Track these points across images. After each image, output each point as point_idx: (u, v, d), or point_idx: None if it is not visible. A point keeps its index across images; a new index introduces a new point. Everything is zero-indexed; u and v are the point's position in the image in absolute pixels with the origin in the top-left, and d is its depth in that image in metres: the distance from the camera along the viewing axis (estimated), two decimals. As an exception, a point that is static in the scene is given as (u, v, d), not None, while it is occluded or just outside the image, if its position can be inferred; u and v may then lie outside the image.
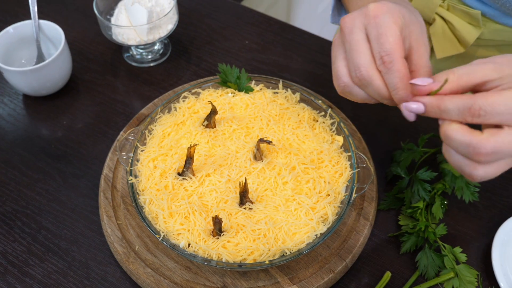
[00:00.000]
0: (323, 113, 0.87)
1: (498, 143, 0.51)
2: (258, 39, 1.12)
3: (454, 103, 0.52)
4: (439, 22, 0.91)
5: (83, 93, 1.03)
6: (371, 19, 0.59)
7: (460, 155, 0.54)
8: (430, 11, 0.91)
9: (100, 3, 1.03)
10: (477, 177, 0.54)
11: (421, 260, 0.79)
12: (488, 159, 0.52)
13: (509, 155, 0.52)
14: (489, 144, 0.51)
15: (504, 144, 0.51)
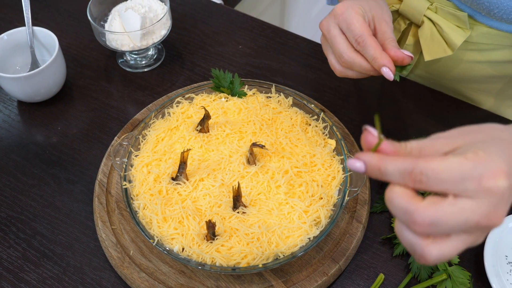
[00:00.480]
0: (316, 117, 0.88)
1: (437, 213, 0.44)
2: (251, 44, 1.13)
3: (395, 165, 0.46)
4: (427, 24, 0.92)
5: (77, 99, 1.03)
6: (339, 17, 0.73)
7: (410, 233, 0.47)
8: (419, 14, 0.92)
9: (93, 9, 1.03)
10: (430, 257, 0.46)
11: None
12: (426, 230, 0.45)
13: (455, 229, 0.45)
14: (427, 213, 0.44)
15: (445, 215, 0.44)
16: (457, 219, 0.44)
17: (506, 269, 0.78)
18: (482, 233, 0.47)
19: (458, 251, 0.47)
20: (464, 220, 0.44)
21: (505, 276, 0.77)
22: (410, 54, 0.71)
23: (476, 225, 0.45)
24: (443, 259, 0.47)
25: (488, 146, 0.46)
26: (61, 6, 1.21)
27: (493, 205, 0.44)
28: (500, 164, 0.44)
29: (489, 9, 0.79)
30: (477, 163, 0.44)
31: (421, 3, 0.91)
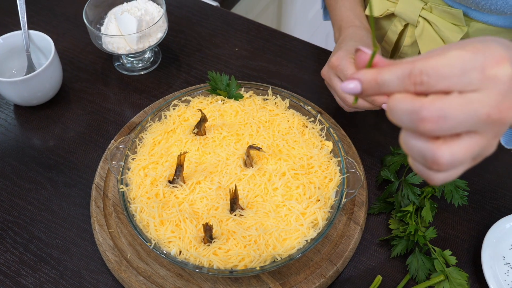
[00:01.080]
0: (313, 119, 0.88)
1: (445, 105, 0.41)
2: (248, 46, 1.13)
3: (392, 72, 0.43)
4: (423, 24, 0.93)
5: (74, 102, 1.03)
6: (336, 68, 0.81)
7: (419, 140, 0.44)
8: (414, 14, 0.93)
9: (89, 13, 1.03)
10: (442, 159, 0.43)
11: (411, 263, 0.79)
12: (436, 127, 0.41)
13: (466, 123, 0.42)
14: (434, 107, 0.41)
15: (453, 107, 0.41)
16: (466, 111, 0.41)
17: (503, 270, 0.78)
18: (494, 134, 0.43)
19: (471, 154, 0.43)
20: (474, 112, 0.41)
21: (503, 277, 0.77)
22: None
23: (487, 119, 0.41)
24: (456, 162, 0.43)
25: (486, 40, 0.44)
26: (57, 9, 1.21)
27: (502, 95, 0.41)
28: (502, 51, 0.42)
29: (476, 3, 0.79)
30: (477, 52, 0.42)
31: (416, 3, 0.92)
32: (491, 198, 0.88)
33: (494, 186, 0.89)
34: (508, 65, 0.42)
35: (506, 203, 0.87)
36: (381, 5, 0.98)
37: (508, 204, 0.87)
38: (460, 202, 0.83)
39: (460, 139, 0.43)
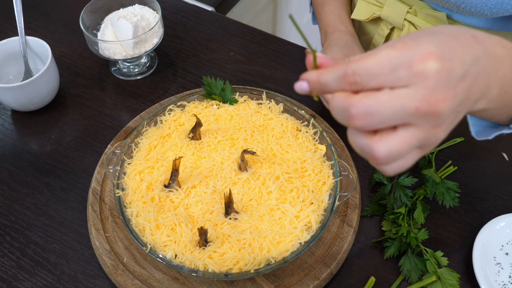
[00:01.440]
0: (306, 123, 0.89)
1: (372, 102, 0.44)
2: (243, 51, 1.14)
3: (331, 73, 0.47)
4: (408, 27, 0.95)
5: (71, 107, 1.04)
6: None
7: (359, 136, 0.47)
8: (400, 18, 0.95)
9: (86, 19, 1.04)
10: (378, 154, 0.45)
11: (404, 264, 0.81)
12: (363, 123, 0.44)
13: (394, 118, 0.44)
14: (361, 104, 0.44)
15: (380, 103, 0.43)
16: (393, 106, 0.44)
17: (494, 270, 0.79)
18: (431, 125, 0.45)
19: (408, 146, 0.46)
20: (401, 106, 0.44)
21: (494, 277, 0.78)
22: None
23: (416, 112, 0.44)
24: (393, 155, 0.45)
25: (420, 36, 0.46)
26: (54, 15, 1.22)
27: (430, 88, 0.43)
28: (430, 47, 0.44)
29: (457, 5, 0.81)
30: (405, 50, 0.44)
31: (401, 7, 0.94)
32: (482, 199, 0.89)
33: (484, 188, 0.90)
34: (434, 60, 0.43)
35: (497, 204, 0.88)
36: (368, 9, 1.00)
37: (499, 205, 0.88)
38: (452, 203, 0.84)
39: (396, 132, 0.45)
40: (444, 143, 0.94)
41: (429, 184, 0.86)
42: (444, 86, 0.44)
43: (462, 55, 0.46)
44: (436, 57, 0.44)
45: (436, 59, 0.44)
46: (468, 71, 0.46)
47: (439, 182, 0.85)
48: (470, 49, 0.48)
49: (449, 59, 0.45)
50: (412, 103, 0.44)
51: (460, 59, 0.46)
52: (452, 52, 0.45)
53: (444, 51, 0.44)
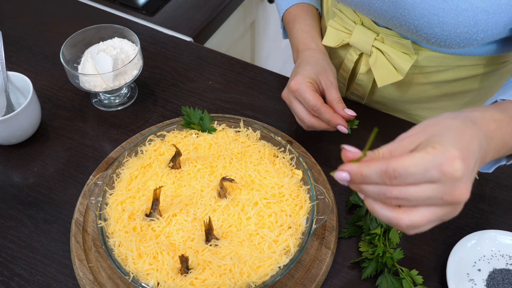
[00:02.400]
0: (283, 149, 0.92)
1: (407, 190, 0.56)
2: (221, 79, 1.17)
3: (372, 168, 0.56)
4: (376, 53, 0.99)
5: (53, 139, 1.06)
6: (295, 92, 0.90)
7: (386, 209, 0.58)
8: (368, 45, 0.99)
9: (66, 53, 1.07)
10: (402, 223, 0.57)
11: (381, 284, 0.83)
12: (397, 202, 0.57)
13: (421, 202, 0.56)
14: (394, 191, 0.56)
15: (413, 192, 0.56)
16: (422, 195, 0.55)
17: (468, 286, 0.82)
18: (452, 207, 0.58)
19: (428, 219, 0.57)
20: (428, 196, 0.55)
21: (467, 293, 0.81)
22: (353, 113, 0.88)
23: (441, 199, 0.56)
24: (415, 225, 0.57)
25: (442, 138, 0.57)
26: (36, 49, 1.24)
27: (454, 184, 0.55)
28: (454, 152, 0.55)
29: (427, 39, 0.85)
30: (436, 155, 0.55)
31: (368, 34, 0.98)
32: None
33: (457, 207, 0.94)
34: (459, 162, 0.55)
35: (469, 222, 0.92)
36: (337, 36, 1.04)
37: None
38: (426, 223, 0.87)
39: (417, 208, 0.57)
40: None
41: (403, 204, 0.89)
42: (466, 180, 0.56)
43: (473, 149, 0.59)
44: (459, 160, 0.55)
45: (460, 161, 0.55)
46: (477, 159, 0.59)
47: (412, 203, 0.88)
48: (476, 139, 0.60)
49: (467, 157, 0.56)
50: (438, 194, 0.56)
51: (472, 153, 0.58)
52: (467, 151, 0.57)
53: (463, 153, 0.56)
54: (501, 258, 0.85)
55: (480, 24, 0.80)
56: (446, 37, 0.83)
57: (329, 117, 0.88)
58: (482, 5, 0.78)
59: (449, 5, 0.79)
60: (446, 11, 0.80)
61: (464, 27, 0.80)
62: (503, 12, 0.78)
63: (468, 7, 0.78)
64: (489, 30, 0.81)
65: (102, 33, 1.12)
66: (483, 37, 0.82)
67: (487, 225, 0.91)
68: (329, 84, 0.91)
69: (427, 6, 0.81)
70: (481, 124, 0.64)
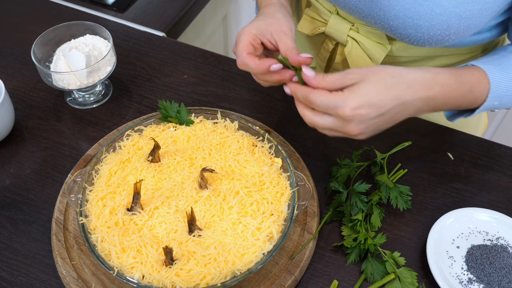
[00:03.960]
0: (261, 138, 0.92)
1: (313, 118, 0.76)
2: (196, 73, 1.17)
3: (299, 91, 0.77)
4: (351, 43, 1.00)
5: (28, 139, 1.05)
6: (237, 40, 0.87)
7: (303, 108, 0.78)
8: (343, 34, 1.00)
9: (37, 51, 1.05)
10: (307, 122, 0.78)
11: (366, 268, 0.84)
12: None
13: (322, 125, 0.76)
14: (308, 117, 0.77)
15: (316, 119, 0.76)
16: (322, 121, 0.76)
17: (447, 263, 0.84)
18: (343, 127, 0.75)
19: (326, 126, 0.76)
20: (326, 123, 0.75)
21: (447, 269, 0.83)
22: (309, 56, 0.81)
23: (335, 128, 0.76)
24: (316, 125, 0.77)
25: (361, 87, 0.73)
26: (5, 49, 1.22)
27: (344, 123, 0.74)
28: (352, 102, 0.72)
29: (401, 38, 0.88)
30: (339, 99, 0.73)
31: (344, 24, 0.99)
32: (432, 198, 0.94)
33: (433, 187, 0.96)
34: (350, 111, 0.72)
35: (446, 201, 0.94)
36: (312, 24, 1.05)
37: (448, 201, 0.94)
38: (405, 206, 0.89)
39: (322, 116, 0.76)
40: (394, 148, 0.99)
41: (383, 189, 0.90)
42: (356, 123, 0.74)
43: (384, 105, 0.74)
44: (351, 109, 0.72)
45: (351, 110, 0.72)
46: (391, 113, 0.75)
47: (392, 187, 0.90)
48: (395, 100, 0.74)
49: (367, 109, 0.73)
50: (333, 125, 0.76)
51: (379, 109, 0.74)
52: (372, 105, 0.73)
53: (364, 105, 0.73)
54: (478, 235, 0.87)
55: (452, 27, 0.82)
56: (420, 38, 0.85)
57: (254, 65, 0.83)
58: (456, 10, 0.80)
59: (424, 9, 0.81)
60: (420, 15, 0.82)
61: (437, 30, 0.83)
62: (475, 17, 0.81)
63: (442, 11, 0.80)
64: (461, 33, 0.84)
65: (73, 31, 1.11)
66: (454, 38, 0.85)
67: (463, 203, 0.94)
68: (282, 34, 0.86)
69: (402, 9, 0.83)
70: (421, 87, 0.76)
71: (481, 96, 0.81)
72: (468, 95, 0.80)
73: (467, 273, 0.82)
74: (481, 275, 0.82)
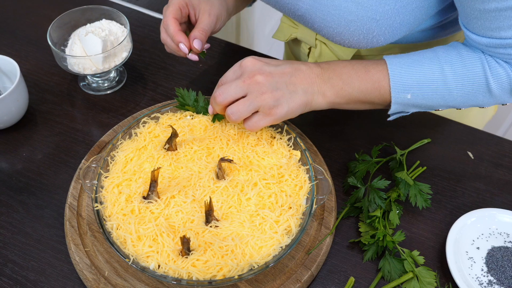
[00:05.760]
0: (280, 130, 0.91)
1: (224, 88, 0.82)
2: (211, 62, 1.15)
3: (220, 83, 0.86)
4: (320, 46, 1.05)
5: (41, 124, 1.03)
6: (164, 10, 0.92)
7: None
8: (312, 38, 1.05)
9: (53, 35, 1.04)
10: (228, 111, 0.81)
11: (384, 266, 0.83)
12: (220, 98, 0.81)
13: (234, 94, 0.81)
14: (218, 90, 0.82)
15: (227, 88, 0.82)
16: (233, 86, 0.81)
17: (467, 264, 0.82)
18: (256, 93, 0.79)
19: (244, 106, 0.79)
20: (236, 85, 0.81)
21: (467, 271, 0.81)
22: (199, 46, 0.91)
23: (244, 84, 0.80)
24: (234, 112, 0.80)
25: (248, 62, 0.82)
26: (19, 33, 1.20)
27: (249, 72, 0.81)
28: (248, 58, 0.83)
29: (336, 42, 0.88)
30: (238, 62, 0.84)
31: (310, 30, 1.02)
32: (451, 197, 0.93)
33: (453, 186, 0.94)
34: (249, 58, 0.83)
35: (465, 201, 0.92)
36: (286, 31, 1.10)
37: (467, 201, 0.92)
38: (424, 205, 0.87)
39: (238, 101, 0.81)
40: (412, 144, 0.97)
41: (401, 186, 0.89)
42: (257, 71, 0.80)
43: (275, 61, 0.84)
44: (250, 58, 0.83)
45: (250, 58, 0.82)
46: (283, 71, 0.81)
47: (412, 185, 0.88)
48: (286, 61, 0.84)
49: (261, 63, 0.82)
50: (241, 81, 0.80)
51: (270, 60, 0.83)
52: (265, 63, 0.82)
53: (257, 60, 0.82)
54: (499, 236, 0.86)
55: (373, 30, 0.82)
56: (349, 44, 0.86)
57: (173, 32, 0.90)
58: (367, 14, 0.80)
59: (337, 18, 0.82)
60: (337, 23, 0.83)
61: (359, 35, 0.83)
62: (392, 17, 0.80)
63: (354, 18, 0.81)
64: (387, 34, 0.83)
65: (89, 15, 1.09)
66: (384, 39, 0.84)
67: (483, 204, 0.92)
68: (206, 15, 0.92)
69: (321, 21, 0.84)
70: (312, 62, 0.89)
71: (382, 81, 0.82)
72: (364, 74, 0.83)
73: (487, 275, 0.81)
74: (502, 277, 0.80)
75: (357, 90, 0.83)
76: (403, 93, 0.82)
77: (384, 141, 0.99)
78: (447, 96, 0.83)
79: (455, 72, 0.81)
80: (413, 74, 0.81)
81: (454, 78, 0.81)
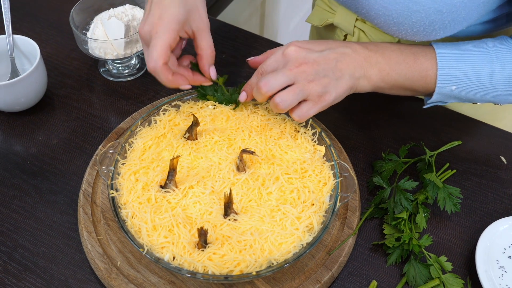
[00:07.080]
0: (304, 124, 0.87)
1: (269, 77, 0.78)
2: (235, 53, 1.12)
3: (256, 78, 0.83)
4: (359, 34, 0.99)
5: (58, 108, 1.01)
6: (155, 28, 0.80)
7: None
8: (350, 25, 0.99)
9: (76, 18, 1.01)
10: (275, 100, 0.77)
11: (408, 271, 0.79)
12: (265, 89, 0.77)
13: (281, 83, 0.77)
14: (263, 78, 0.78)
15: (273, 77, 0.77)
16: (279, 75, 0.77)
17: (498, 273, 0.78)
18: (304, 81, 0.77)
19: (293, 94, 0.76)
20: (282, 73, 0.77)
21: (498, 280, 0.77)
22: (214, 75, 0.89)
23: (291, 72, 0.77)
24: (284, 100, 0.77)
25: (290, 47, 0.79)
26: (40, 15, 1.18)
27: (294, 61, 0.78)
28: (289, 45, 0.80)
29: (391, 34, 0.84)
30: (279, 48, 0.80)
31: (350, 15, 0.97)
32: (482, 202, 0.88)
33: (484, 191, 0.90)
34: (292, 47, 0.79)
35: (497, 207, 0.88)
36: (322, 15, 1.04)
37: (498, 208, 0.87)
38: (453, 209, 0.83)
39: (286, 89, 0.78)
40: (442, 146, 0.93)
41: (429, 188, 0.84)
42: (303, 59, 0.77)
43: (318, 43, 0.81)
44: (292, 46, 0.79)
45: (293, 46, 0.79)
46: (327, 57, 0.78)
47: (441, 188, 0.84)
48: (330, 42, 0.81)
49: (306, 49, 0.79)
50: (287, 70, 0.77)
51: (313, 44, 0.80)
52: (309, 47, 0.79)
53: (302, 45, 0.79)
54: (532, 245, 0.81)
55: (436, 23, 0.77)
56: (405, 35, 0.81)
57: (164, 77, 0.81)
58: (434, 5, 0.75)
59: (401, 6, 0.77)
60: (399, 12, 0.78)
61: (420, 26, 0.79)
62: (458, 10, 0.76)
63: (420, 8, 0.76)
64: (448, 27, 0.79)
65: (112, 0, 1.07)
66: (443, 33, 0.80)
67: (515, 211, 0.87)
68: (202, 26, 0.84)
69: (381, 7, 0.79)
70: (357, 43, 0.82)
71: (430, 70, 0.80)
72: (412, 61, 0.81)
73: (519, 286, 0.76)
74: (535, 288, 0.76)
75: (404, 77, 0.81)
76: (449, 85, 0.80)
77: (412, 141, 0.95)
78: (491, 91, 0.79)
79: (504, 68, 0.77)
80: (461, 66, 0.79)
81: (502, 74, 0.78)
